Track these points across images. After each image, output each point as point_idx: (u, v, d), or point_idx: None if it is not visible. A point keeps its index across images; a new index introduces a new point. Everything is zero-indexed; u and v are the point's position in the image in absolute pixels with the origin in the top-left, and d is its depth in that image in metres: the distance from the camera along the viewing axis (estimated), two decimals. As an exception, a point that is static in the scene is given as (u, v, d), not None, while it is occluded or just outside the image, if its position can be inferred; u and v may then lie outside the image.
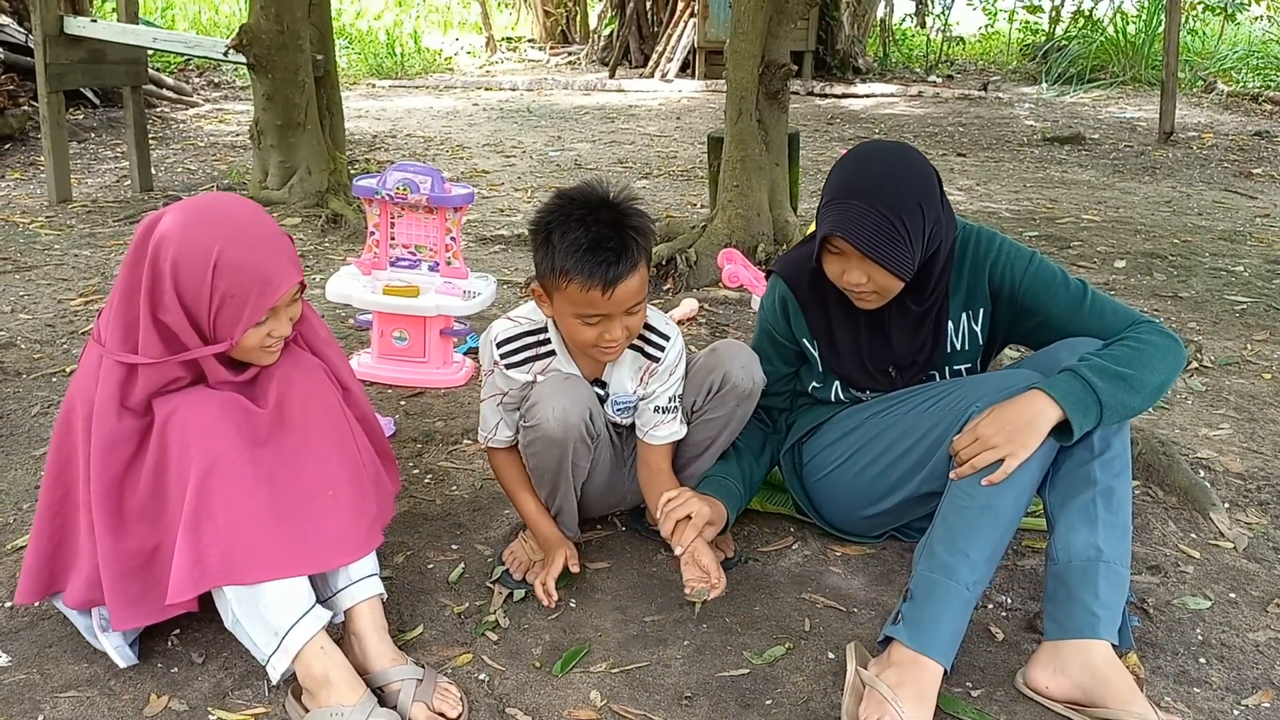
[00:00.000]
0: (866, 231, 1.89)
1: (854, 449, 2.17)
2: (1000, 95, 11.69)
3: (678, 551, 2.01)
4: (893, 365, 2.13)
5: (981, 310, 2.09)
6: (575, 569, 2.13)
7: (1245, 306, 4.12)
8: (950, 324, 2.10)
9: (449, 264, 3.16)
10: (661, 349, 2.11)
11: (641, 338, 2.10)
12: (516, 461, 2.21)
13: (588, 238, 1.86)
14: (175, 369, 1.79)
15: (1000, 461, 1.83)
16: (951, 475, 1.90)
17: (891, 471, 2.11)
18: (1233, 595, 2.21)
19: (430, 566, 2.26)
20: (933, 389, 2.08)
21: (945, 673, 1.80)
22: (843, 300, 2.11)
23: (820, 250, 2.02)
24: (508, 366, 2.09)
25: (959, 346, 2.12)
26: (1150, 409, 2.01)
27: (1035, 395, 1.83)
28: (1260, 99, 10.49)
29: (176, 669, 1.91)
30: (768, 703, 1.86)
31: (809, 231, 3.39)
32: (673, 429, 2.15)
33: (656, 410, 2.13)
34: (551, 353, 2.10)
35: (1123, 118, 9.98)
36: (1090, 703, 1.77)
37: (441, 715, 1.77)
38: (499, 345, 2.09)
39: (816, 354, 2.19)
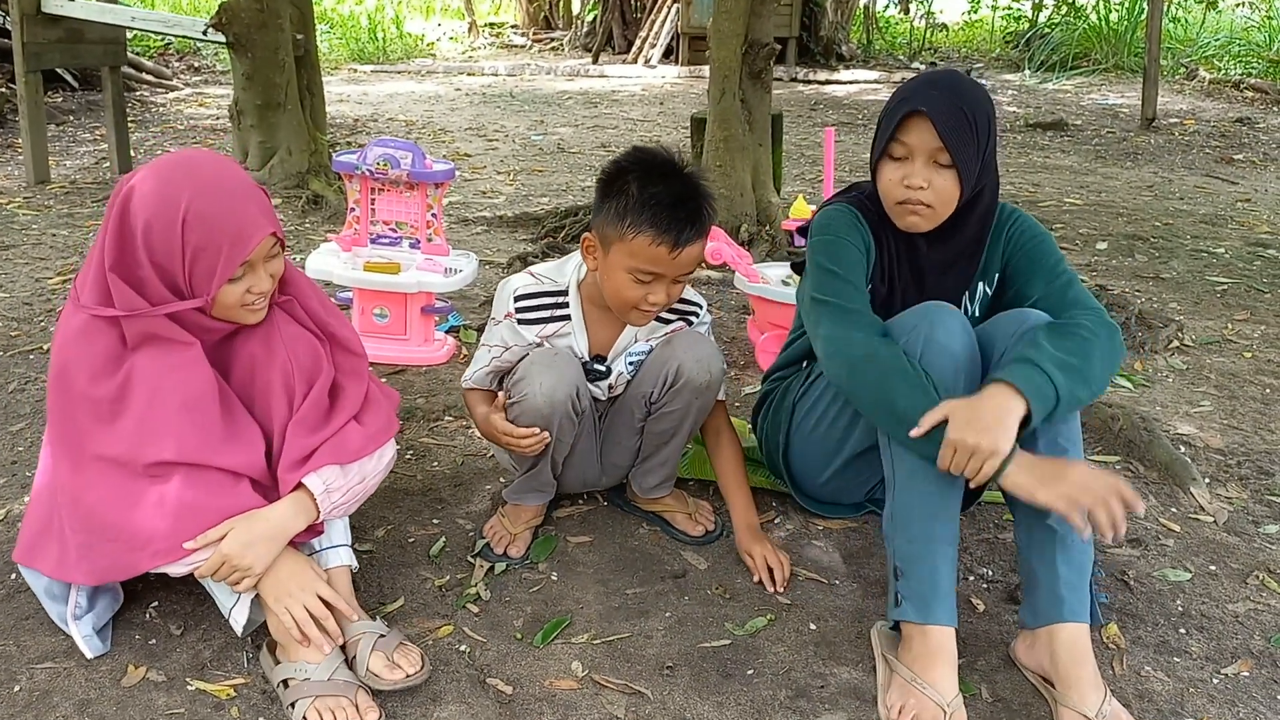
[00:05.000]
0: (948, 116, 1.87)
1: (808, 404, 2.16)
2: (984, 82, 11.69)
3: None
4: None
5: (996, 276, 2.09)
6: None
7: (1226, 287, 4.14)
8: (967, 291, 2.08)
9: (430, 241, 3.14)
10: (695, 314, 2.19)
11: (674, 309, 2.17)
12: (489, 395, 2.21)
13: (669, 194, 1.90)
14: (162, 323, 1.74)
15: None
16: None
17: (835, 427, 2.10)
18: (1213, 568, 2.22)
19: (411, 541, 2.24)
20: None
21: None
22: (888, 247, 2.06)
23: (879, 162, 1.97)
24: (520, 321, 2.09)
25: (974, 312, 2.10)
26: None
27: (1001, 389, 1.75)
28: (1241, 86, 10.54)
29: (154, 640, 1.89)
30: (749, 673, 1.86)
31: (794, 210, 3.39)
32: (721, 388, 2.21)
33: None
34: (566, 317, 2.10)
35: (1105, 104, 10.01)
36: (1050, 680, 1.81)
37: (398, 667, 1.76)
38: (517, 299, 2.09)
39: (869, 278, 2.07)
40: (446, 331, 3.33)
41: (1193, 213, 5.58)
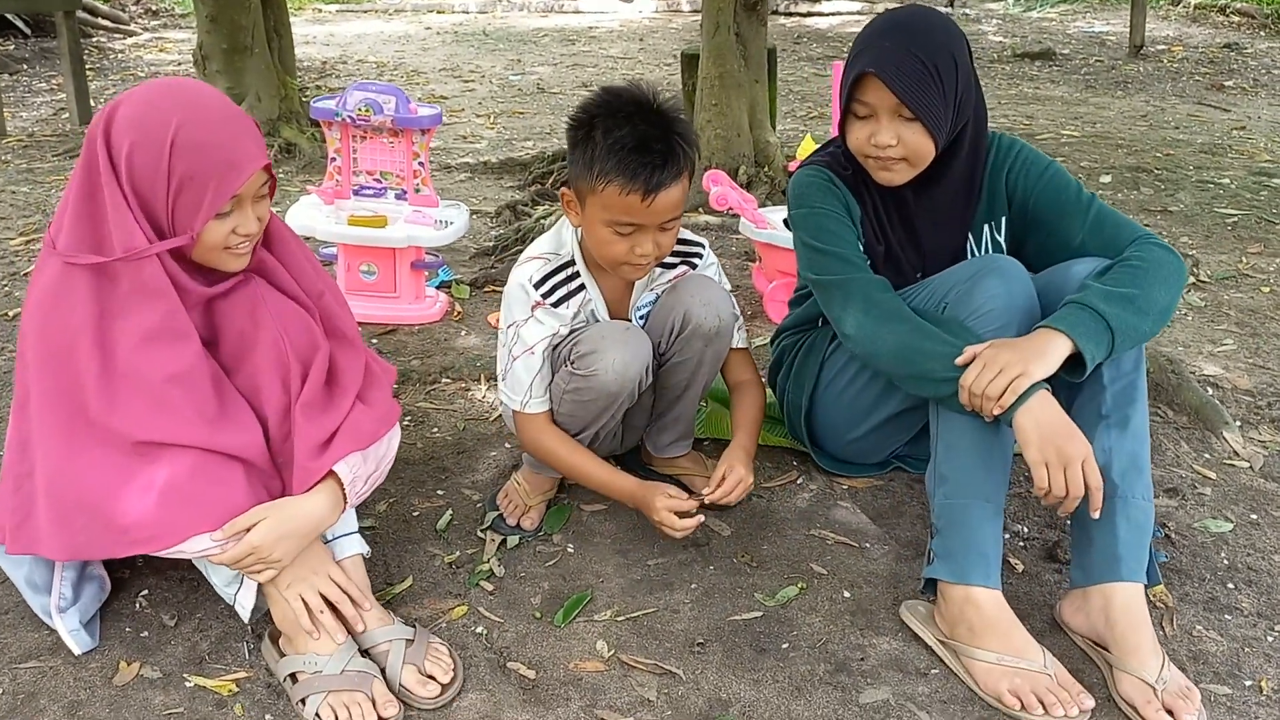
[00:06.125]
0: (900, 71, 1.77)
1: (838, 366, 2.06)
2: (967, 11, 11.47)
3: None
4: (919, 272, 1.99)
5: (1003, 219, 1.97)
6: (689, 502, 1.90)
7: (1236, 219, 4.03)
8: (972, 236, 1.97)
9: (418, 191, 2.97)
10: (698, 256, 2.05)
11: (675, 252, 2.02)
12: (560, 430, 1.99)
13: (634, 137, 1.75)
14: (149, 272, 1.57)
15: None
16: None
17: (870, 388, 2.01)
18: (1254, 516, 2.14)
19: (415, 514, 2.12)
20: (910, 297, 1.92)
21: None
22: (872, 204, 1.97)
23: (844, 120, 1.88)
24: (554, 305, 1.93)
25: None
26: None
27: (1042, 331, 1.68)
28: (1228, 10, 10.37)
29: (146, 633, 1.77)
30: (784, 646, 1.76)
31: (801, 150, 3.24)
32: (742, 334, 2.11)
33: None
34: (582, 287, 1.96)
35: (1091, 32, 9.84)
36: (1103, 644, 1.71)
37: (432, 679, 1.64)
38: (538, 285, 1.92)
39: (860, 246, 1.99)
40: (437, 287, 3.17)
41: (1190, 142, 5.46)
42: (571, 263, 1.95)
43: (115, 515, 1.55)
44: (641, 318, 2.03)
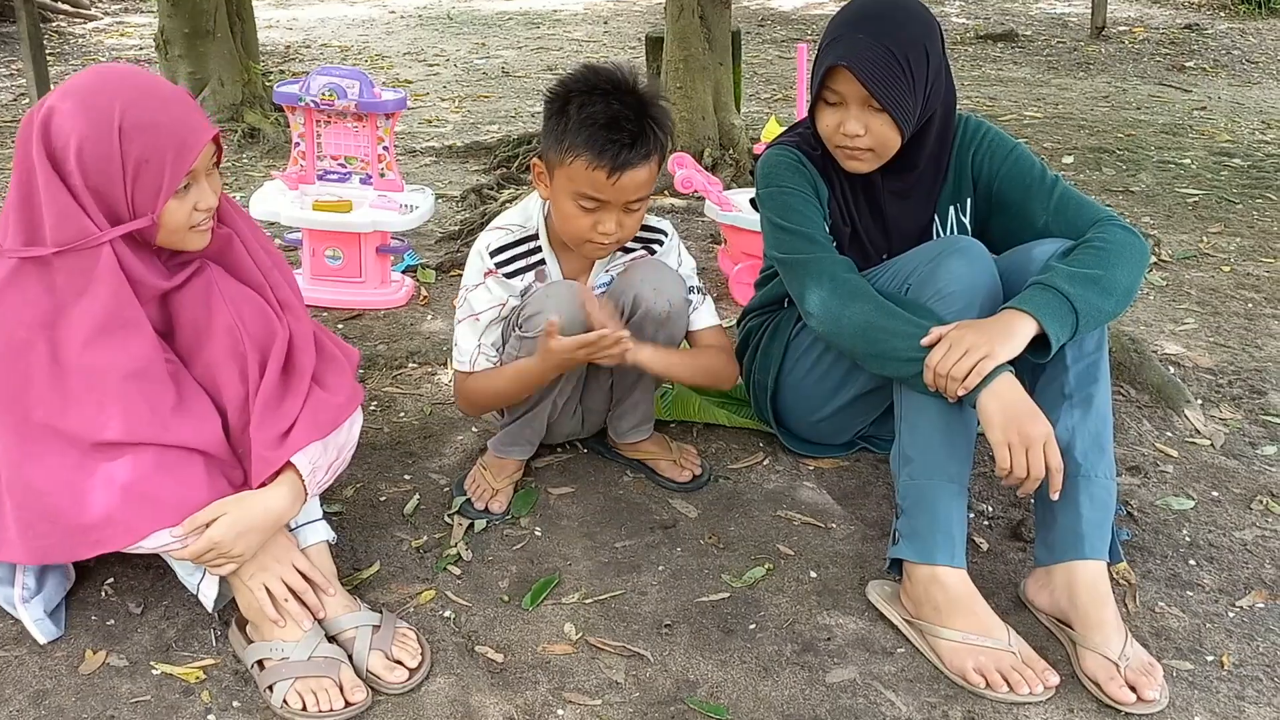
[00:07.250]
0: (872, 65, 1.78)
1: (803, 346, 2.08)
2: (931, -6, 11.52)
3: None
4: (885, 254, 2.00)
5: (968, 201, 1.99)
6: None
7: (1197, 199, 4.08)
8: (938, 218, 1.98)
9: (383, 176, 2.95)
10: (659, 242, 2.06)
11: (637, 238, 2.02)
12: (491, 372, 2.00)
13: (606, 114, 1.78)
14: (103, 265, 1.55)
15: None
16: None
17: (835, 369, 2.02)
18: (1215, 494, 2.17)
19: (383, 499, 2.11)
20: (874, 278, 1.93)
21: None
22: (840, 186, 1.98)
23: (815, 106, 1.89)
24: (507, 275, 1.94)
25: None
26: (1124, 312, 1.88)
27: (1007, 312, 1.70)
28: (1189, -8, 10.43)
29: (113, 621, 1.75)
30: (751, 627, 1.77)
31: (766, 132, 3.24)
32: (711, 312, 2.09)
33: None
34: (541, 261, 1.97)
35: (1053, 14, 9.88)
36: (1066, 622, 1.73)
37: (400, 664, 1.64)
38: (494, 254, 1.94)
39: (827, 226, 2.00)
40: (403, 272, 3.15)
41: (1152, 123, 5.50)
42: (534, 236, 1.96)
43: (77, 516, 1.54)
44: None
